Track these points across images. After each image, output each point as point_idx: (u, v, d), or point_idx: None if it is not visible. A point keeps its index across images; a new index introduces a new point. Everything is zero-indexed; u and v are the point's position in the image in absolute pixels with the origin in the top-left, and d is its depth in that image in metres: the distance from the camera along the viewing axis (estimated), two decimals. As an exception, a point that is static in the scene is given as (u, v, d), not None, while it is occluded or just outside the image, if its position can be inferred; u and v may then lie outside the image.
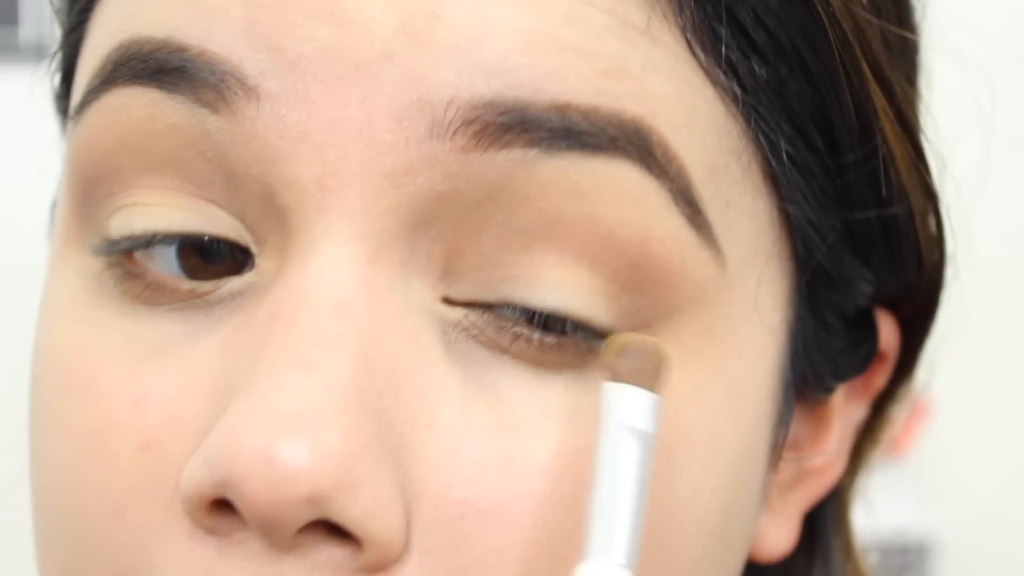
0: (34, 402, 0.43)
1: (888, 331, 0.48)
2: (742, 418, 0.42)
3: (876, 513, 0.60)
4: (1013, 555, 1.37)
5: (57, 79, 0.48)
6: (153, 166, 0.39)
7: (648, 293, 0.38)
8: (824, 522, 0.53)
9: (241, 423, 0.35)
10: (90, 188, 0.40)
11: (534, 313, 0.38)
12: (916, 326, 0.50)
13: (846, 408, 0.49)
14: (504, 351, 0.38)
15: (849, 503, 0.54)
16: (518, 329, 0.38)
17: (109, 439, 0.38)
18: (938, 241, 0.47)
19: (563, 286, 0.38)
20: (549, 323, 0.38)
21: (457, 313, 0.38)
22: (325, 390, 0.35)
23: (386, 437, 0.36)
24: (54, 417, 0.40)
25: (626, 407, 0.36)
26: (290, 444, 0.34)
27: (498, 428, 0.38)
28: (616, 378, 0.37)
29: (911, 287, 0.48)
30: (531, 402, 0.38)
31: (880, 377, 0.50)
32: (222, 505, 0.36)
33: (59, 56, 0.47)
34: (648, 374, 0.37)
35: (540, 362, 0.38)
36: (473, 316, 0.38)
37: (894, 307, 0.48)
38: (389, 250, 0.37)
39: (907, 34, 0.45)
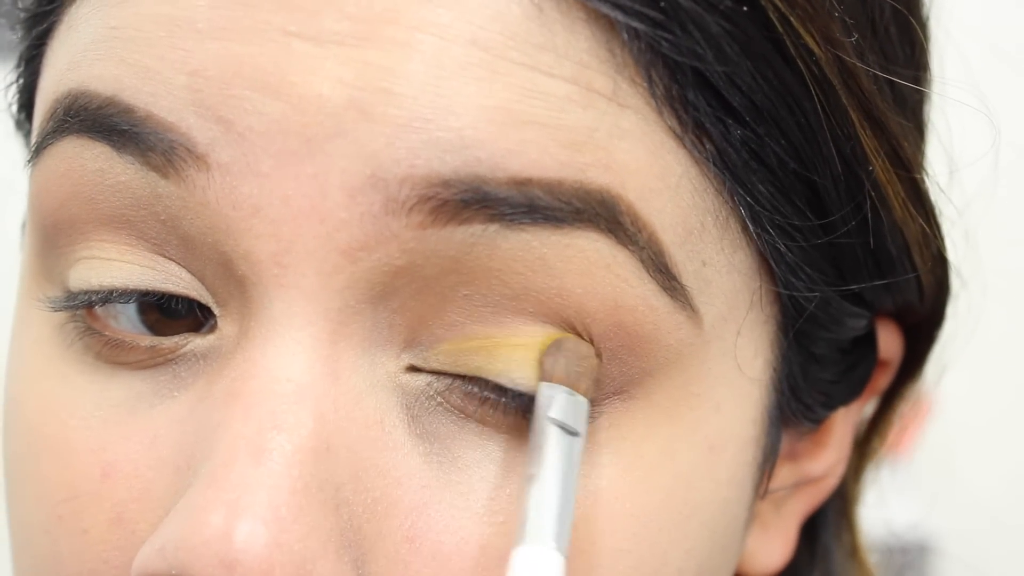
0: (6, 449, 0.43)
1: (888, 341, 0.48)
2: (720, 472, 0.41)
3: (876, 513, 0.60)
4: (1013, 555, 1.37)
5: (15, 108, 0.48)
6: (108, 221, 0.38)
7: (621, 360, 0.38)
8: (825, 525, 0.53)
9: (199, 520, 0.35)
10: (49, 236, 0.40)
11: (505, 389, 0.38)
12: (922, 332, 0.49)
13: (847, 415, 0.49)
14: (469, 416, 0.38)
15: (855, 502, 0.54)
16: (486, 394, 0.38)
17: (81, 510, 0.39)
18: (939, 260, 0.46)
19: (534, 364, 0.37)
20: (519, 397, 0.38)
21: (421, 381, 0.38)
22: (284, 487, 0.35)
23: (345, 530, 0.36)
24: (27, 474, 0.41)
25: (558, 406, 0.37)
26: (250, 547, 0.34)
27: (457, 510, 0.37)
28: (549, 378, 0.37)
29: (911, 306, 0.47)
30: (494, 476, 0.38)
31: (883, 380, 0.49)
32: None
33: (16, 86, 0.46)
34: (581, 377, 0.37)
35: (506, 428, 0.38)
36: (439, 384, 0.38)
37: (897, 317, 0.48)
38: (350, 326, 0.37)
39: (900, 72, 0.43)
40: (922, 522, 1.39)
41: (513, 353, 0.37)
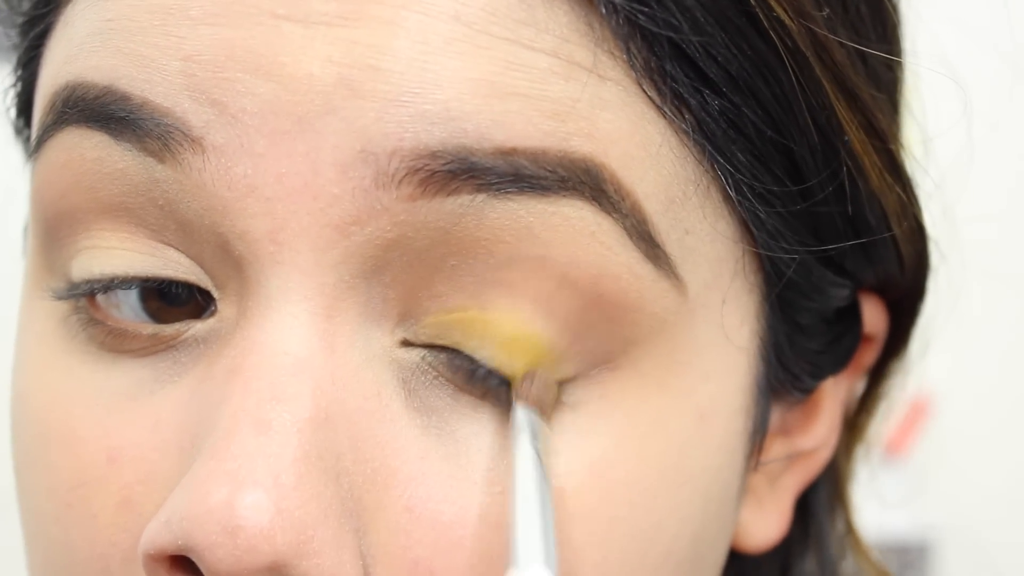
0: (16, 443, 0.44)
1: (873, 315, 0.49)
2: (712, 440, 0.42)
3: (875, 513, 0.61)
4: (1014, 555, 1.38)
5: (13, 113, 0.49)
6: (108, 209, 0.39)
7: (604, 331, 0.39)
8: (818, 503, 0.54)
9: (202, 491, 0.36)
10: (51, 228, 0.41)
11: (478, 363, 0.39)
12: (905, 306, 0.50)
13: (836, 389, 0.49)
14: (461, 389, 0.39)
15: (847, 479, 0.55)
16: (469, 367, 0.39)
17: (89, 496, 0.40)
18: (918, 232, 0.47)
19: (514, 340, 0.38)
20: (490, 373, 0.39)
21: (415, 355, 0.39)
22: (285, 455, 0.36)
23: (345, 499, 0.37)
24: (36, 465, 0.42)
25: (534, 429, 0.38)
26: (252, 514, 0.35)
27: (455, 480, 0.38)
28: (525, 401, 0.38)
29: (892, 278, 0.48)
30: (489, 447, 0.39)
31: (869, 355, 0.50)
32: (183, 559, 0.37)
33: (14, 90, 0.47)
34: (548, 407, 0.39)
35: (495, 400, 0.39)
36: (431, 358, 0.39)
37: (880, 291, 0.49)
38: (345, 301, 0.38)
39: (872, 48, 0.44)
40: (922, 522, 1.39)
41: (485, 329, 0.38)
